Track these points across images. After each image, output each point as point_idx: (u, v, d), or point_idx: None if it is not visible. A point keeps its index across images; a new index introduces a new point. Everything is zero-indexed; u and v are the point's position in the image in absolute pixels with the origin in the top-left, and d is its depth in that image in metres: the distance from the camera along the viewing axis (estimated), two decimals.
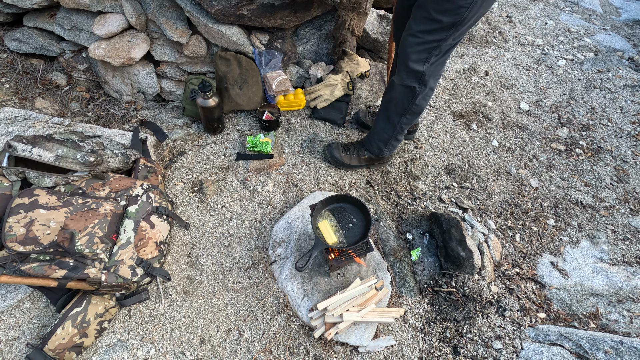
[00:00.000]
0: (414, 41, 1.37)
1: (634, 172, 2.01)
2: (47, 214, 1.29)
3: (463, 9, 1.22)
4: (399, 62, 1.48)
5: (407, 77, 1.46)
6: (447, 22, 1.26)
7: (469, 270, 1.53)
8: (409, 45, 1.38)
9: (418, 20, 1.33)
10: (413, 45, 1.37)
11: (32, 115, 1.85)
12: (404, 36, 1.41)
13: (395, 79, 1.53)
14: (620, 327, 1.43)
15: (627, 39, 3.01)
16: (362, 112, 2.10)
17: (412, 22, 1.36)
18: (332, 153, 1.89)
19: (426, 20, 1.30)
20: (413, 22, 1.36)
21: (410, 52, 1.40)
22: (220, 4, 1.79)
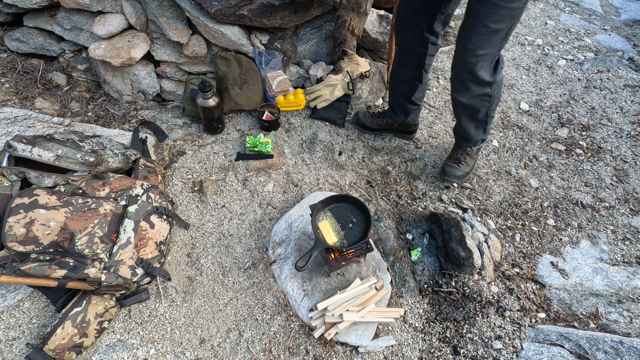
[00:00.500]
0: (478, 59, 1.35)
1: (634, 172, 2.01)
2: (47, 214, 1.29)
3: (519, 9, 1.22)
4: (463, 81, 1.45)
5: (480, 88, 1.47)
6: (506, 26, 1.26)
7: (469, 270, 1.53)
8: (474, 64, 1.37)
9: (476, 37, 1.29)
10: (478, 63, 1.36)
11: (32, 115, 1.85)
12: (463, 58, 1.37)
13: (464, 99, 1.53)
14: (620, 327, 1.43)
15: (627, 39, 3.01)
16: (362, 112, 2.10)
17: (469, 40, 1.32)
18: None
19: (485, 34, 1.27)
20: (470, 40, 1.32)
21: (477, 70, 1.39)
22: (220, 4, 1.79)
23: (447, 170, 1.81)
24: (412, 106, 1.89)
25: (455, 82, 1.53)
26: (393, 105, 1.95)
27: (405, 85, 1.80)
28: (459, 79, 1.48)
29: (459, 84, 1.50)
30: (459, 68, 1.44)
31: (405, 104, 1.88)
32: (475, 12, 1.27)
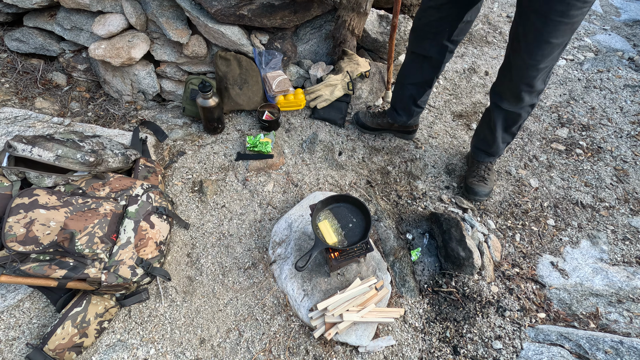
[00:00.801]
0: (538, 72, 1.35)
1: (634, 172, 2.01)
2: (47, 214, 1.29)
3: (579, 21, 1.21)
4: (519, 93, 1.44)
5: (532, 98, 1.47)
6: (567, 39, 1.26)
7: (469, 270, 1.53)
8: (534, 77, 1.37)
9: (539, 53, 1.28)
10: (538, 75, 1.37)
11: (32, 115, 1.85)
12: (524, 73, 1.36)
13: (513, 109, 1.52)
14: (620, 327, 1.43)
15: (627, 39, 3.01)
16: (361, 112, 2.10)
17: (531, 56, 1.31)
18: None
19: (547, 49, 1.27)
20: (532, 56, 1.30)
21: (535, 82, 1.39)
22: (220, 4, 1.79)
23: (475, 189, 1.79)
24: (416, 109, 1.89)
25: (508, 93, 1.49)
26: (396, 106, 1.94)
27: (414, 88, 1.79)
28: (513, 91, 1.46)
29: (513, 95, 1.47)
30: (517, 81, 1.41)
31: (410, 107, 1.88)
32: (538, 30, 1.24)
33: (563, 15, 1.17)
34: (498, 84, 1.55)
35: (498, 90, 1.55)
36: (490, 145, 1.75)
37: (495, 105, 1.59)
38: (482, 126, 1.76)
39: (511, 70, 1.41)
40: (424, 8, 1.51)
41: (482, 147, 1.81)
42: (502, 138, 1.70)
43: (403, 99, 1.87)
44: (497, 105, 1.58)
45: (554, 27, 1.22)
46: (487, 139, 1.74)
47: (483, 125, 1.75)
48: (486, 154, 1.81)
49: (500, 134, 1.67)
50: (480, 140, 1.81)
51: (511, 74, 1.42)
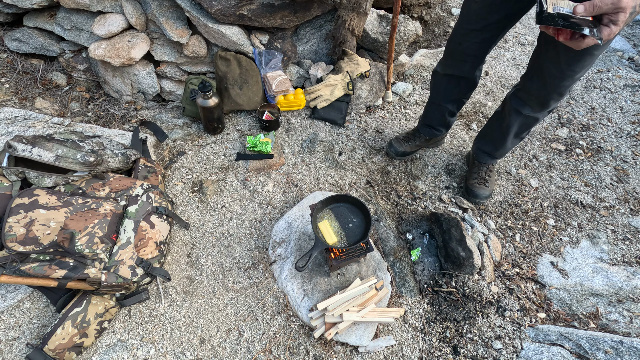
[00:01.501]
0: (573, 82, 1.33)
1: (634, 172, 2.01)
2: (47, 214, 1.29)
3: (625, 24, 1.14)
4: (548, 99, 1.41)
5: (557, 103, 1.45)
6: (606, 47, 1.21)
7: (469, 270, 1.53)
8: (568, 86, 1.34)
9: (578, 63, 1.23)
10: (573, 84, 1.34)
11: (32, 115, 1.85)
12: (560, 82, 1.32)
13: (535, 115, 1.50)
14: (620, 327, 1.43)
15: (627, 39, 3.01)
16: (395, 140, 2.01)
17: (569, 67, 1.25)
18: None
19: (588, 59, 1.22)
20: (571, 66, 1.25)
21: (567, 91, 1.36)
22: (220, 4, 1.79)
23: (476, 192, 1.79)
24: (453, 119, 1.89)
25: (534, 100, 1.45)
26: (432, 123, 1.89)
27: (452, 104, 1.77)
28: (542, 98, 1.42)
29: (539, 102, 1.44)
30: (549, 89, 1.37)
31: (448, 120, 1.86)
32: (568, 67, 1.23)
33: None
34: (523, 90, 1.48)
35: (521, 96, 1.50)
36: (497, 149, 1.74)
37: (515, 111, 1.53)
38: (491, 129, 1.74)
39: (544, 78, 1.35)
40: (465, 32, 1.44)
41: (487, 150, 1.80)
42: (512, 142, 1.69)
43: (440, 116, 1.83)
44: (517, 110, 1.52)
45: (582, 64, 1.20)
46: (495, 142, 1.72)
47: (493, 128, 1.72)
48: (490, 156, 1.81)
49: (511, 138, 1.66)
50: (486, 143, 1.79)
51: (544, 81, 1.36)
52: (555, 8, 0.88)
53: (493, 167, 1.85)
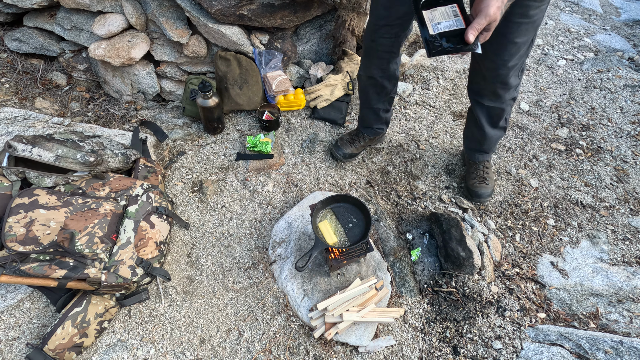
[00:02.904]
0: (509, 70, 1.37)
1: (634, 172, 2.01)
2: (47, 214, 1.29)
3: (540, 18, 1.24)
4: (495, 90, 1.45)
5: (511, 93, 1.49)
6: (531, 36, 1.29)
7: (469, 270, 1.53)
8: (506, 75, 1.39)
9: (506, 53, 1.31)
10: (510, 72, 1.38)
11: (32, 115, 1.85)
12: (496, 72, 1.39)
13: (494, 104, 1.52)
14: (620, 327, 1.43)
15: (627, 39, 3.01)
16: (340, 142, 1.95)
17: (499, 57, 1.33)
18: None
19: (514, 49, 1.30)
20: (500, 56, 1.33)
21: (509, 79, 1.41)
22: (220, 4, 1.79)
23: (478, 191, 1.78)
24: (389, 115, 1.87)
25: (485, 91, 1.50)
26: (371, 124, 1.88)
27: (382, 103, 1.76)
28: (490, 89, 1.47)
29: (491, 92, 1.49)
30: (491, 80, 1.43)
31: (385, 117, 1.85)
32: (501, 32, 1.24)
33: (523, 16, 1.21)
34: (473, 83, 1.55)
35: (475, 89, 1.55)
36: (481, 143, 1.75)
37: (477, 102, 1.59)
38: (468, 126, 1.77)
39: (482, 71, 1.43)
40: (376, 28, 1.44)
41: (474, 147, 1.81)
42: (493, 134, 1.69)
43: (375, 116, 1.83)
44: (478, 102, 1.58)
45: (517, 28, 1.24)
46: (476, 137, 1.74)
47: (470, 124, 1.75)
48: (479, 152, 1.81)
49: (489, 129, 1.67)
50: (470, 140, 1.81)
51: (483, 74, 1.44)
52: (434, 27, 0.94)
53: (489, 164, 1.85)
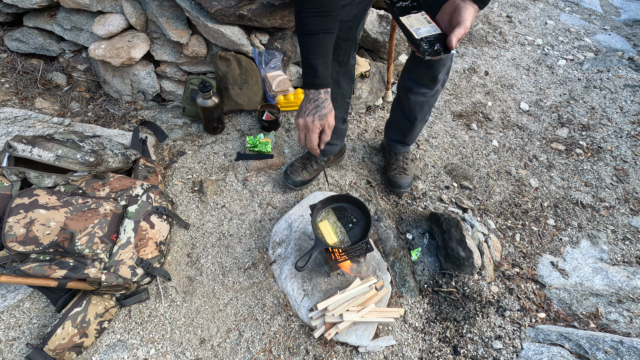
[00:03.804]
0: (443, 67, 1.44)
1: (634, 172, 2.01)
2: (47, 214, 1.29)
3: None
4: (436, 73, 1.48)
5: (445, 74, 1.51)
6: None
7: (469, 270, 1.53)
8: (439, 71, 1.45)
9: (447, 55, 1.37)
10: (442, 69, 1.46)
11: (32, 115, 1.85)
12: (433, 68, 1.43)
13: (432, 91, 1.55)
14: (620, 327, 1.43)
15: (627, 39, 3.01)
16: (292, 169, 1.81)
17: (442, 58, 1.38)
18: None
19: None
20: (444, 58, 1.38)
21: (439, 76, 1.47)
22: (220, 4, 1.79)
23: (399, 182, 1.80)
24: (345, 125, 1.79)
25: (425, 77, 1.50)
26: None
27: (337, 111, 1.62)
28: (431, 74, 1.47)
29: (430, 78, 1.49)
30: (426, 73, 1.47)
31: (341, 128, 1.76)
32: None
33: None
34: (412, 71, 1.52)
35: (414, 77, 1.53)
36: (406, 134, 1.77)
37: (413, 93, 1.55)
38: (396, 118, 1.76)
39: (422, 65, 1.46)
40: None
41: (398, 139, 1.82)
42: (419, 125, 1.71)
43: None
44: (414, 92, 1.55)
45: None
46: (404, 129, 1.75)
47: (398, 116, 1.73)
48: (402, 144, 1.83)
49: (421, 123, 1.69)
50: (395, 132, 1.81)
51: (422, 69, 1.46)
52: (416, 32, 1.01)
53: (409, 155, 1.87)
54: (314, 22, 1.00)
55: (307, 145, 1.14)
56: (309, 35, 1.02)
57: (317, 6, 0.98)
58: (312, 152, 1.17)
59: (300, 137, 1.14)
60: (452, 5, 1.00)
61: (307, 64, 1.05)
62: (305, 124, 1.09)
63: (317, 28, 1.01)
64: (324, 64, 1.05)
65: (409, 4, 1.07)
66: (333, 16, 1.03)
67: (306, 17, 1.00)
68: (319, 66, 1.04)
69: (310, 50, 1.03)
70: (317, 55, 1.03)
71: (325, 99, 1.09)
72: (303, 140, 1.14)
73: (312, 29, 1.01)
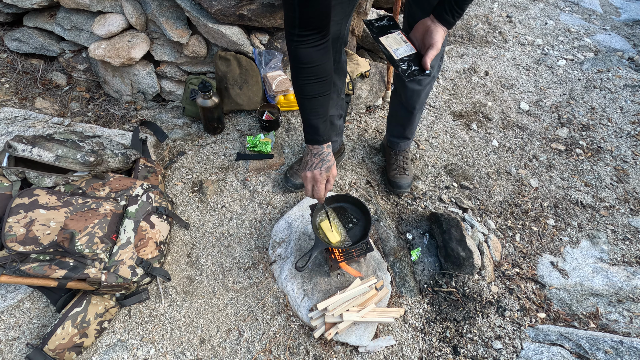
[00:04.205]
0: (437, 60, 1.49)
1: (634, 172, 2.01)
2: (47, 214, 1.29)
3: None
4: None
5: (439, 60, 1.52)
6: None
7: (469, 270, 1.53)
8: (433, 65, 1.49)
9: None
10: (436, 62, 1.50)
11: (32, 115, 1.85)
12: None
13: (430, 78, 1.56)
14: (620, 327, 1.43)
15: (627, 39, 3.01)
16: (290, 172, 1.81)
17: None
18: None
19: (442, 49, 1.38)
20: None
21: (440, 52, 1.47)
22: (220, 4, 1.79)
23: (399, 182, 1.81)
24: (341, 121, 1.77)
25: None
26: None
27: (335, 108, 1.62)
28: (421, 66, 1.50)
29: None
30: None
31: (339, 124, 1.74)
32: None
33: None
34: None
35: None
36: (406, 128, 1.78)
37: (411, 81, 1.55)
38: (395, 110, 1.77)
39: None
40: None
41: (399, 134, 1.83)
42: (417, 114, 1.72)
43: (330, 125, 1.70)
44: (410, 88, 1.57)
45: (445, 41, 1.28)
46: (403, 122, 1.76)
47: (397, 109, 1.75)
48: (403, 139, 1.84)
49: (418, 112, 1.70)
50: (395, 127, 1.82)
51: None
52: (395, 52, 1.09)
53: (409, 154, 1.88)
54: (312, 88, 1.07)
55: (315, 195, 1.20)
56: (307, 99, 1.09)
57: (313, 74, 1.04)
58: (318, 200, 1.23)
59: (308, 188, 1.19)
60: (424, 26, 1.09)
61: (308, 123, 1.12)
62: (314, 177, 1.15)
63: (314, 93, 1.08)
64: (324, 122, 1.12)
65: (386, 23, 1.16)
66: (328, 80, 1.09)
67: (304, 84, 1.06)
68: (320, 125, 1.11)
69: (311, 112, 1.10)
70: (317, 116, 1.10)
71: (328, 153, 1.16)
72: (310, 191, 1.19)
73: (311, 94, 1.08)
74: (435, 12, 1.06)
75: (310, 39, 0.98)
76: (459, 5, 1.03)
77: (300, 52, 1.00)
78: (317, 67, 1.03)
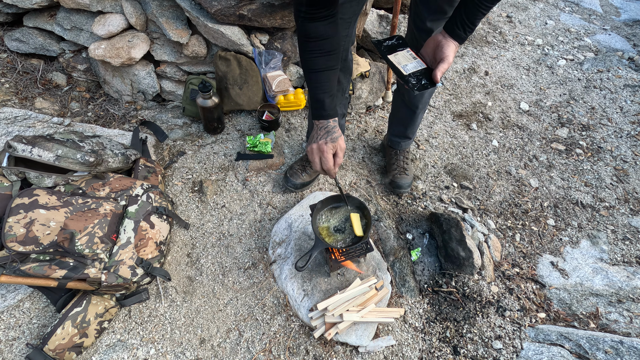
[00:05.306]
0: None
1: (634, 172, 2.01)
2: (47, 214, 1.29)
3: None
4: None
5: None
6: None
7: (469, 270, 1.53)
8: None
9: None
10: None
11: (32, 115, 1.85)
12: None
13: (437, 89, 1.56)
14: (620, 327, 1.43)
15: (627, 39, 3.01)
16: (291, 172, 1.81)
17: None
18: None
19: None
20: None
21: None
22: (220, 4, 1.79)
23: (399, 182, 1.81)
24: (343, 120, 1.80)
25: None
26: None
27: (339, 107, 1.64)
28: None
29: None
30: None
31: (341, 123, 1.75)
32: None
33: None
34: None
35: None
36: (407, 127, 1.77)
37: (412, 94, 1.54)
38: (398, 109, 1.77)
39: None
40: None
41: (399, 132, 1.82)
42: (420, 117, 1.72)
43: None
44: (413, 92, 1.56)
45: None
46: (406, 121, 1.75)
47: (399, 107, 1.75)
48: (404, 139, 1.83)
49: (420, 112, 1.70)
50: (397, 126, 1.81)
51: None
52: (404, 68, 1.10)
53: (409, 154, 1.88)
54: (319, 61, 1.06)
55: (324, 166, 1.16)
56: (314, 73, 1.08)
57: (320, 47, 1.03)
58: (328, 175, 1.19)
59: (315, 161, 1.15)
60: (435, 41, 1.09)
61: (314, 98, 1.11)
62: (319, 147, 1.13)
63: (321, 66, 1.07)
64: (330, 97, 1.11)
65: (395, 42, 1.16)
66: (336, 54, 1.07)
67: (310, 58, 1.05)
68: (326, 99, 1.10)
69: (317, 87, 1.09)
70: (323, 90, 1.09)
71: (334, 126, 1.14)
72: (318, 163, 1.16)
73: (317, 68, 1.07)
74: (447, 27, 1.06)
75: (318, 15, 0.97)
76: (470, 20, 1.02)
77: (308, 26, 0.99)
78: (324, 40, 1.02)
